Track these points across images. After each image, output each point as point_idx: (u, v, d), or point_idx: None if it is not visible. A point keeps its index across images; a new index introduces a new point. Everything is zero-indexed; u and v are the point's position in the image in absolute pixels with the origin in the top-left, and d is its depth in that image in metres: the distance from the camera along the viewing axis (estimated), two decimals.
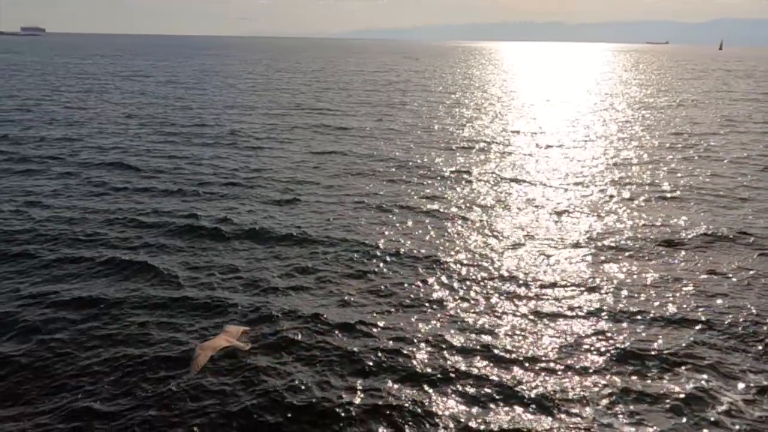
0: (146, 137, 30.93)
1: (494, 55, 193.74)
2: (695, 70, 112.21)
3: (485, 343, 11.17)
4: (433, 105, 47.55)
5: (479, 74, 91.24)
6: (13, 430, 8.64)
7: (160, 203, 19.54)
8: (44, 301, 12.49)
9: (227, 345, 10.36)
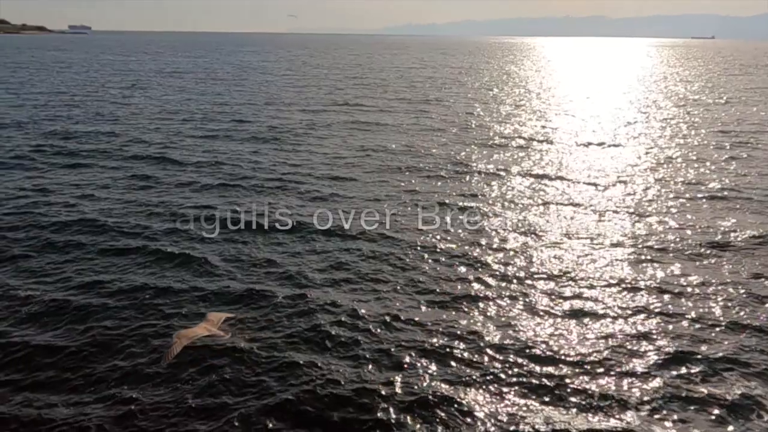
0: (187, 132, 31.64)
1: (533, 51, 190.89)
2: (743, 65, 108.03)
3: (524, 341, 11.09)
4: (471, 101, 47.17)
5: (517, 70, 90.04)
6: (57, 417, 8.99)
7: (202, 197, 20.00)
8: (92, 290, 12.95)
9: (206, 334, 10.44)
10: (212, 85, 58.14)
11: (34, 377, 9.93)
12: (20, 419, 8.91)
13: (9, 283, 13.25)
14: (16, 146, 27.33)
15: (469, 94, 53.14)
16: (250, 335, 11.24)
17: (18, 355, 10.52)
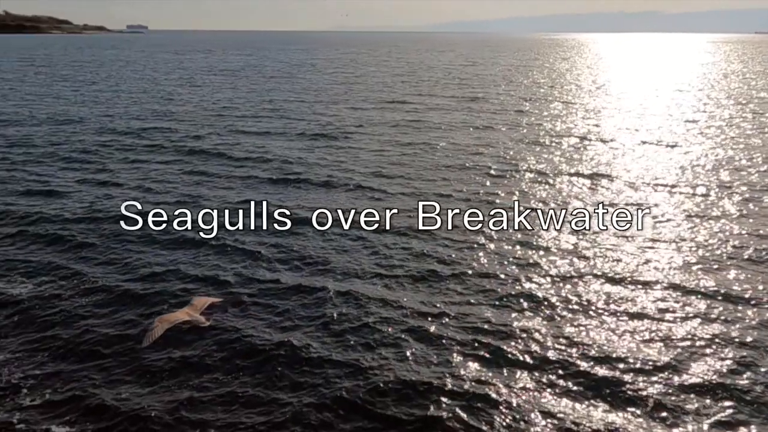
0: (238, 129, 32.26)
1: (584, 48, 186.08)
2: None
3: (576, 342, 10.86)
4: (520, 99, 46.33)
5: (568, 67, 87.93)
6: (120, 406, 9.31)
7: (253, 191, 20.34)
8: (148, 279, 13.39)
9: (187, 319, 10.66)
10: (262, 83, 59.19)
11: (99, 365, 10.34)
12: (86, 405, 9.30)
13: (80, 270, 13.89)
14: (80, 141, 28.53)
15: (519, 91, 52.21)
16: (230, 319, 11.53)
17: (82, 342, 10.97)
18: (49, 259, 14.62)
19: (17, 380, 9.85)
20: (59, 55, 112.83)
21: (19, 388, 9.68)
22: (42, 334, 11.26)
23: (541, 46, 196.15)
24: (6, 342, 11.00)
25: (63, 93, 48.71)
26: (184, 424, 8.83)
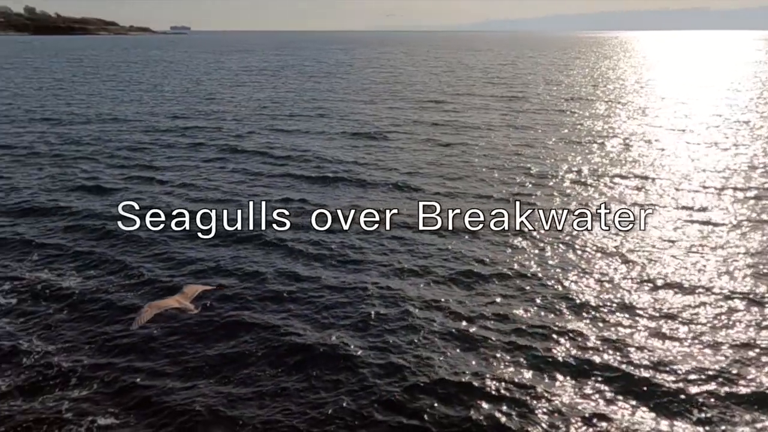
0: (278, 128, 32.64)
1: (627, 46, 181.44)
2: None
3: (621, 343, 10.65)
4: (561, 99, 45.44)
5: (612, 66, 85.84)
6: (170, 399, 9.47)
7: (293, 190, 20.51)
8: (197, 273, 13.64)
9: (177, 306, 10.73)
10: (301, 83, 59.76)
11: (150, 360, 10.59)
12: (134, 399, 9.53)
13: (128, 264, 14.29)
14: (125, 139, 29.34)
15: (559, 91, 51.22)
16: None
17: (129, 334, 11.24)
18: (98, 253, 15.06)
19: (66, 370, 10.15)
20: (106, 55, 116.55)
21: (68, 378, 9.97)
22: (90, 326, 11.58)
23: (582, 45, 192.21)
24: (56, 333, 11.36)
25: (109, 93, 50.26)
26: (223, 420, 8.94)
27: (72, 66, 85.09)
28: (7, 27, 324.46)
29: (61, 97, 46.77)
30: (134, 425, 8.90)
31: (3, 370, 10.19)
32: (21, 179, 22.14)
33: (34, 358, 10.48)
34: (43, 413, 9.10)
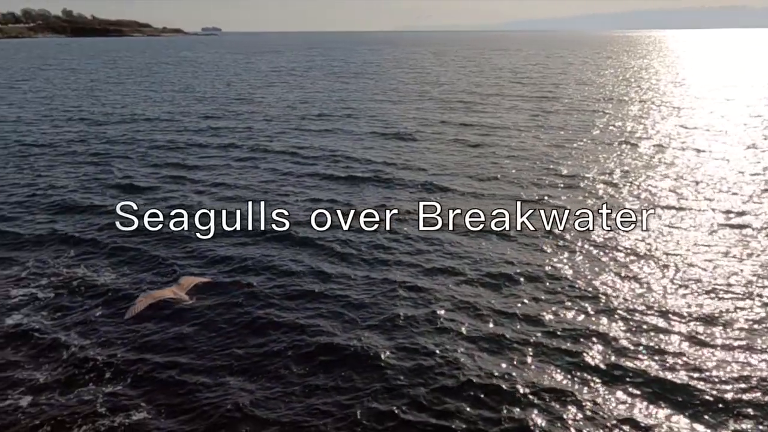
0: (305, 127, 32.87)
1: (662, 45, 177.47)
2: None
3: (659, 347, 10.49)
4: (595, 100, 44.67)
5: (645, 65, 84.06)
6: (206, 396, 9.60)
7: (322, 189, 20.61)
8: (234, 271, 13.83)
9: (171, 296, 11.33)
10: (330, 83, 60.09)
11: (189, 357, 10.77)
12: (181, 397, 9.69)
13: (163, 259, 14.61)
14: (158, 140, 29.89)
15: (591, 91, 50.37)
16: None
17: (164, 329, 11.44)
18: (132, 249, 15.39)
19: (101, 364, 10.38)
20: (140, 57, 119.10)
21: (103, 372, 10.20)
22: (125, 322, 11.78)
23: (615, 44, 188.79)
24: (92, 328, 11.62)
25: (142, 93, 51.32)
26: (250, 418, 9.01)
27: (107, 67, 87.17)
28: (45, 29, 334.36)
29: (96, 98, 47.96)
30: (166, 421, 9.04)
31: (41, 363, 10.47)
32: (59, 177, 22.76)
33: (71, 352, 10.74)
34: (78, 407, 9.32)
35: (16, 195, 20.52)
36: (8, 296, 12.81)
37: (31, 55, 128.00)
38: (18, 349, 10.91)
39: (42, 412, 9.21)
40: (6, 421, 9.01)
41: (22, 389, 9.74)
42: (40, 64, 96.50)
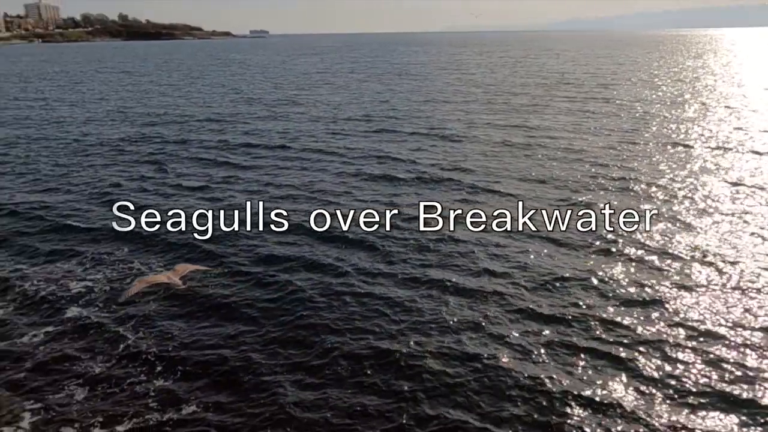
0: (351, 129, 33.06)
1: (717, 44, 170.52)
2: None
3: (718, 356, 10.13)
4: (645, 102, 43.21)
5: (701, 65, 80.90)
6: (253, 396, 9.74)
7: (365, 190, 20.65)
8: (286, 267, 14.03)
9: (165, 281, 11.96)
10: (373, 84, 60.35)
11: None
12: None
13: (218, 255, 14.93)
14: (206, 140, 30.64)
15: (643, 92, 48.77)
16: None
17: (214, 325, 11.67)
18: (186, 246, 15.84)
19: (155, 358, 10.66)
20: (190, 59, 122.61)
21: (156, 365, 10.47)
22: (182, 317, 12.12)
23: (668, 43, 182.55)
24: (150, 322, 11.93)
25: (193, 95, 52.80)
26: (296, 420, 9.03)
27: (160, 69, 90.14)
28: (103, 33, 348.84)
29: (150, 99, 49.66)
30: (215, 417, 9.20)
31: (97, 355, 10.83)
32: (115, 176, 23.62)
33: (126, 345, 11.08)
34: (130, 400, 9.59)
35: (76, 192, 21.39)
36: (68, 289, 13.34)
37: (90, 58, 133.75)
38: (76, 341, 11.32)
39: (96, 405, 9.49)
40: (61, 413, 9.32)
41: (78, 381, 10.10)
42: (98, 66, 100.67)
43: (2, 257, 15.43)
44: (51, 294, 13.12)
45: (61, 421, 9.15)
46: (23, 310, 12.58)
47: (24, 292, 13.30)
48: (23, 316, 12.33)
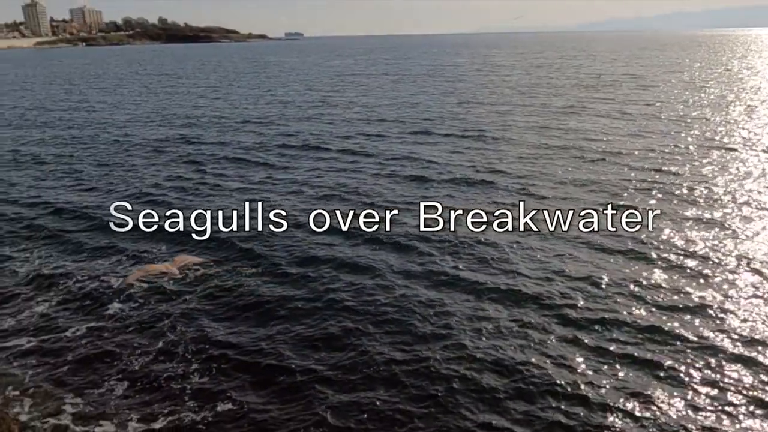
0: (383, 130, 33.04)
1: (765, 44, 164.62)
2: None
3: (761, 363, 9.82)
4: (685, 104, 41.99)
5: (745, 66, 78.20)
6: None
7: (400, 190, 20.59)
8: (302, 265, 14.12)
9: (164, 270, 12.69)
10: (405, 85, 60.30)
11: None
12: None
13: (255, 253, 15.19)
14: (242, 142, 31.07)
15: (684, 94, 47.41)
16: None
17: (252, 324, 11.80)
18: (223, 243, 16.10)
19: (192, 355, 10.82)
20: (226, 62, 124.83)
21: (192, 362, 10.63)
22: (226, 315, 12.31)
23: (710, 43, 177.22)
24: (186, 317, 12.14)
25: (228, 96, 53.70)
26: (326, 425, 9.04)
27: (197, 72, 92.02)
28: (143, 36, 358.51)
29: (188, 101, 50.72)
30: (249, 417, 9.26)
31: (137, 351, 11.06)
32: (155, 176, 24.17)
33: (166, 341, 11.30)
34: (166, 397, 9.76)
35: (117, 192, 21.96)
36: (109, 285, 13.67)
37: (130, 60, 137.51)
38: (116, 337, 11.58)
39: (133, 401, 9.68)
40: (100, 408, 9.53)
41: (117, 376, 10.32)
42: (138, 69, 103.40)
43: (47, 254, 15.93)
44: (93, 290, 13.49)
45: (100, 415, 9.36)
46: (66, 305, 12.95)
47: (67, 288, 13.71)
48: (66, 311, 12.70)
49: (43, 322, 12.21)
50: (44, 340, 11.53)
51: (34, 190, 22.39)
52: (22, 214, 19.39)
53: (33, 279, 14.27)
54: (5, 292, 13.66)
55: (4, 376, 10.35)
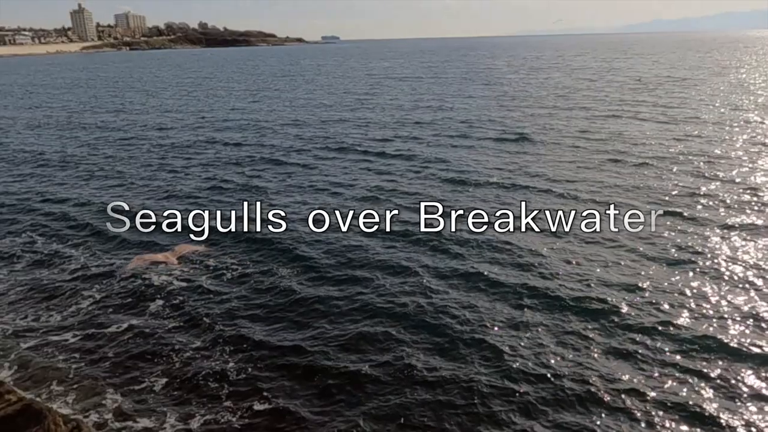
0: (418, 132, 32.94)
1: None
2: None
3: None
4: (732, 108, 40.54)
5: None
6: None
7: (436, 192, 20.43)
8: (357, 265, 14.14)
9: (163, 260, 13.05)
10: (444, 87, 60.02)
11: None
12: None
13: (286, 248, 15.30)
14: (278, 144, 31.41)
15: (731, 97, 45.78)
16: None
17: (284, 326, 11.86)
18: (262, 241, 16.33)
19: (228, 356, 10.94)
20: (263, 66, 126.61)
21: (228, 362, 10.73)
22: (263, 314, 12.45)
23: (759, 45, 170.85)
24: (228, 313, 12.29)
25: (266, 99, 54.46)
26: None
27: (236, 75, 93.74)
28: (184, 40, 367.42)
29: (225, 104, 51.68)
30: (285, 419, 9.28)
31: (176, 347, 11.25)
32: (193, 177, 24.65)
33: (205, 340, 11.48)
34: (204, 394, 9.88)
35: (158, 191, 22.48)
36: (151, 283, 13.95)
37: (173, 64, 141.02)
38: (157, 334, 11.81)
39: (171, 398, 9.82)
40: (140, 403, 9.71)
41: (157, 373, 10.50)
42: (177, 72, 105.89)
43: (91, 252, 16.37)
44: (136, 287, 13.80)
45: (139, 411, 9.52)
46: (110, 301, 13.29)
47: (110, 285, 14.06)
48: (109, 307, 13.02)
49: (87, 318, 12.55)
50: (88, 336, 11.83)
51: (79, 190, 23.11)
52: (68, 212, 20.03)
53: (79, 275, 14.70)
54: (53, 287, 14.11)
55: (51, 370, 10.65)
